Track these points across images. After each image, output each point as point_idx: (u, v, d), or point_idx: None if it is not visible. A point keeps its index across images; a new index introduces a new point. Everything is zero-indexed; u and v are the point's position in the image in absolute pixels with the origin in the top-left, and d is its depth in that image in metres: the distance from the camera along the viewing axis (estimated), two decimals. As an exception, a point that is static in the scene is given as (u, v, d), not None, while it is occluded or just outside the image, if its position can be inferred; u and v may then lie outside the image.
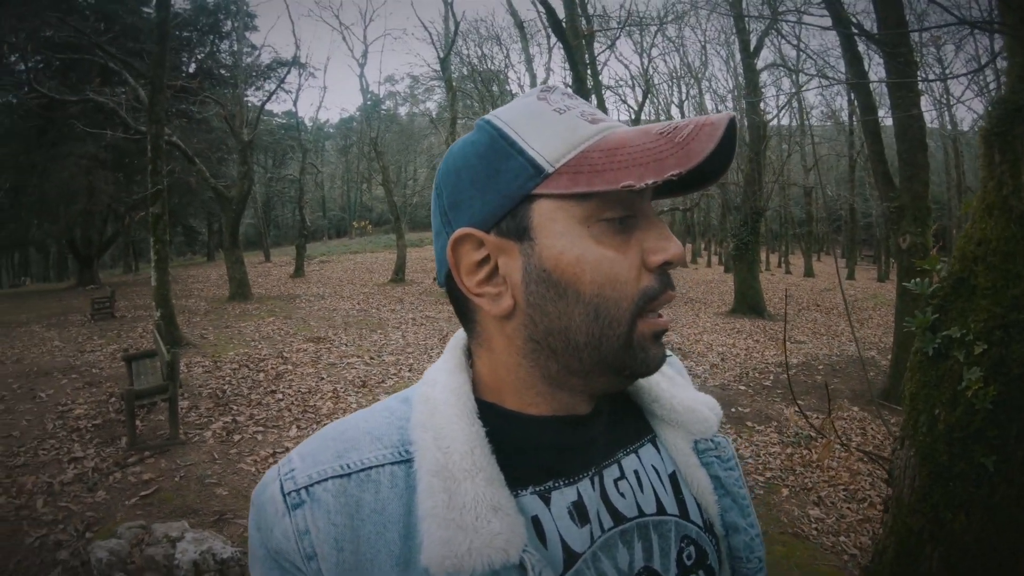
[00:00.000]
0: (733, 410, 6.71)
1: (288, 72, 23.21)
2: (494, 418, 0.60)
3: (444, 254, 0.60)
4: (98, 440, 5.37)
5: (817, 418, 6.33)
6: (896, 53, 5.92)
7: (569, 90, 0.65)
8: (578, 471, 0.61)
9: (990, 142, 1.40)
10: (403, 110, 45.08)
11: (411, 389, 0.65)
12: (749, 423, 6.29)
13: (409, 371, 8.12)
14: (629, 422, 0.70)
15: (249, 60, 23.60)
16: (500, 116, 0.61)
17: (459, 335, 0.68)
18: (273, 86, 22.78)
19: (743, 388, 7.70)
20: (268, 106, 22.77)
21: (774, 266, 30.26)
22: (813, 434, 5.41)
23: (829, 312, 15.21)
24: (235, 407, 6.38)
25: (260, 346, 9.41)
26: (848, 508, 4.47)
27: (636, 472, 0.66)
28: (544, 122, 0.58)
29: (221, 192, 14.36)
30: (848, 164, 25.33)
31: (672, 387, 0.72)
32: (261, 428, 5.81)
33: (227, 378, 7.48)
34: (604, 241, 0.56)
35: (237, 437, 5.55)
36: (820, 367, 8.96)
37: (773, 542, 3.92)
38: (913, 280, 1.56)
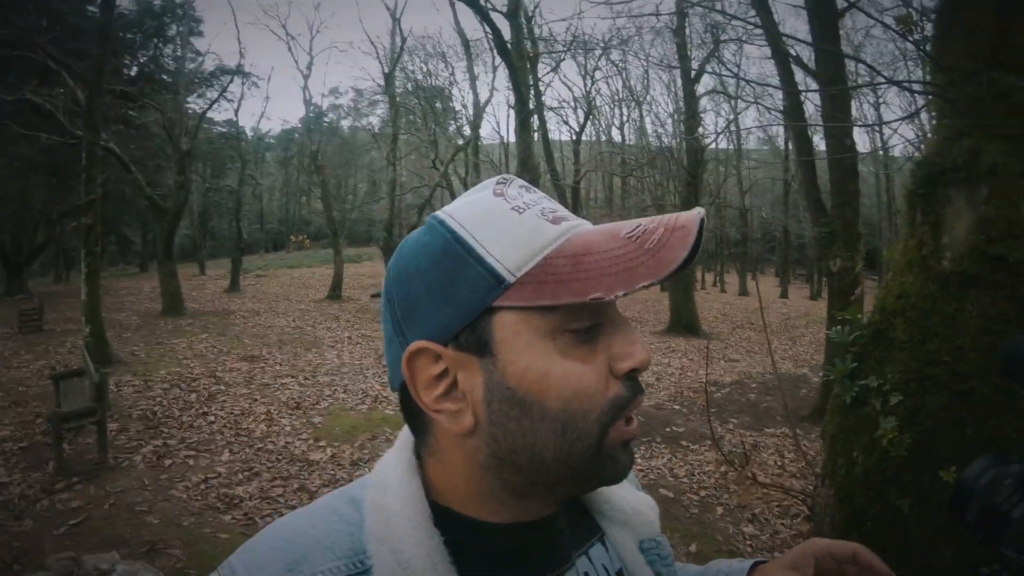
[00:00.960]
0: (668, 429, 6.86)
1: (231, 80, 22.69)
2: (452, 525, 0.56)
3: (398, 361, 0.57)
4: (24, 464, 5.17)
5: (749, 436, 6.54)
6: (831, 84, 6.22)
7: (526, 183, 0.62)
8: (541, 574, 0.60)
9: (913, 202, 1.45)
10: (346, 123, 44.60)
11: (356, 488, 0.61)
12: (684, 442, 6.45)
13: (344, 392, 8.06)
14: (581, 521, 0.68)
15: (192, 66, 23.00)
16: (455, 216, 0.57)
17: (407, 433, 0.64)
18: (215, 94, 22.23)
19: (677, 408, 7.90)
20: (209, 114, 22.11)
21: (709, 285, 30.93)
22: (748, 452, 5.57)
23: (762, 331, 15.68)
24: (166, 430, 6.22)
25: (192, 365, 9.18)
26: (781, 524, 4.64)
27: (587, 574, 0.64)
28: (504, 225, 0.55)
29: (156, 202, 13.96)
30: (783, 187, 26.31)
31: (620, 489, 0.70)
32: (193, 452, 5.68)
33: (158, 399, 7.28)
34: (570, 354, 0.53)
35: (168, 462, 5.41)
36: (753, 385, 9.26)
37: (707, 559, 4.00)
38: (834, 328, 1.64)
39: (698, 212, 0.53)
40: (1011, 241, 1.22)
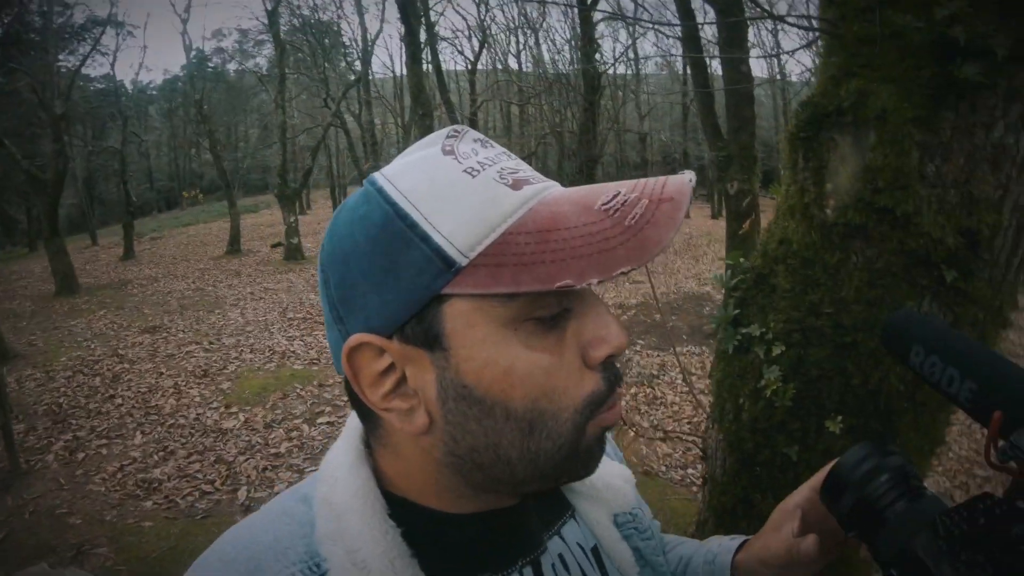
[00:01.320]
0: None
1: (103, 32, 20.79)
2: (410, 516, 0.52)
3: (340, 348, 0.50)
4: None
5: (657, 356, 6.77)
6: (727, 15, 6.23)
7: (482, 136, 0.53)
8: (509, 564, 0.56)
9: (795, 145, 1.35)
10: (232, 67, 41.78)
11: (308, 484, 0.56)
12: None
13: (250, 352, 7.87)
14: (550, 499, 0.64)
15: (61, 20, 20.81)
16: (395, 183, 0.49)
17: (356, 418, 0.58)
18: (88, 48, 20.38)
19: None
20: (84, 71, 20.26)
21: (611, 209, 31.06)
22: (655, 372, 5.75)
23: (665, 251, 16.00)
24: (74, 421, 5.92)
25: (93, 346, 8.68)
26: (694, 440, 4.85)
27: (561, 556, 0.61)
28: (454, 193, 0.47)
29: (35, 175, 12.80)
30: (682, 111, 26.61)
31: None
32: (104, 440, 5.45)
33: (62, 389, 6.88)
34: (535, 345, 0.47)
35: (81, 455, 5.17)
36: (658, 305, 9.50)
37: None
38: (716, 274, 1.59)
39: (688, 180, 0.47)
40: (899, 192, 1.17)
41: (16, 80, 14.46)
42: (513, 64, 28.16)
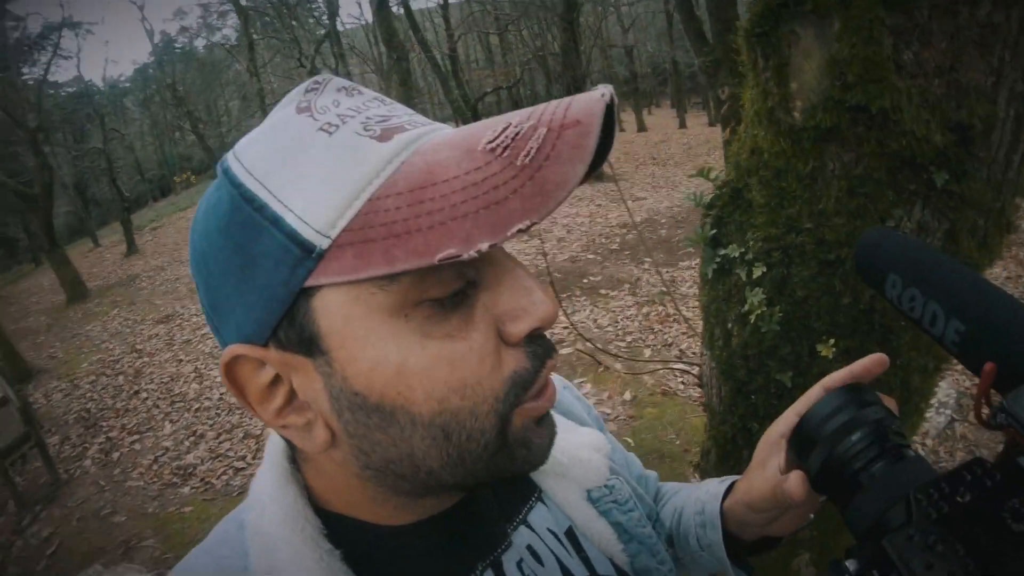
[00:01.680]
0: (585, 280, 6.94)
1: (61, 36, 20.33)
2: (349, 535, 0.47)
3: None
4: None
5: (667, 272, 6.69)
6: None
7: (350, 83, 0.44)
8: (465, 571, 0.50)
9: (751, 43, 1.20)
10: (199, 43, 40.87)
11: (244, 508, 0.51)
12: (603, 291, 6.53)
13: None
14: (512, 485, 0.58)
15: (16, 35, 20.42)
16: (241, 158, 0.40)
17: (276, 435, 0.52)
18: (49, 56, 19.98)
19: (591, 256, 7.95)
20: (52, 77, 20.00)
21: (607, 126, 30.55)
22: (665, 289, 5.68)
23: (666, 164, 15.76)
24: (104, 423, 6.04)
25: (112, 346, 8.80)
26: (689, 367, 4.80)
27: (530, 547, 0.54)
28: (307, 158, 0.38)
29: (24, 192, 12.76)
30: (666, 19, 25.66)
31: None
32: (136, 436, 5.57)
33: (88, 395, 7.00)
34: (433, 332, 0.39)
35: (116, 454, 5.30)
36: (663, 220, 9.34)
37: (644, 405, 4.19)
38: (689, 194, 1.46)
39: (600, 95, 0.36)
40: (872, 86, 1.04)
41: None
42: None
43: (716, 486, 0.70)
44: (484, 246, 0.34)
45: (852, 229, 1.13)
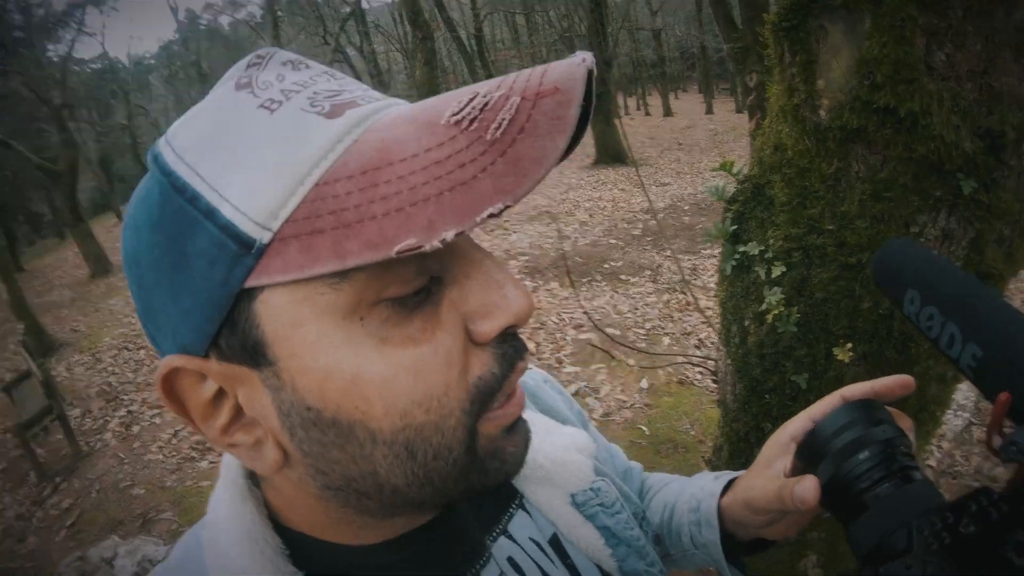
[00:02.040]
0: (607, 266, 6.89)
1: (85, 12, 20.45)
2: (311, 555, 0.44)
3: None
4: (9, 485, 5.09)
5: (688, 260, 6.61)
6: None
7: (297, 57, 0.39)
8: None
9: (778, 37, 1.17)
10: (224, 20, 40.98)
11: (201, 525, 0.48)
12: (623, 276, 6.49)
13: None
14: (489, 493, 0.50)
15: (41, 12, 20.64)
16: (173, 141, 0.36)
17: None
18: (74, 33, 20.17)
19: (613, 241, 7.89)
20: (77, 54, 20.26)
21: (633, 109, 30.28)
22: (684, 279, 5.63)
23: (691, 150, 15.60)
24: (125, 396, 6.12)
25: (134, 320, 8.87)
26: (705, 361, 4.74)
27: (511, 559, 0.51)
28: (245, 139, 0.33)
29: (49, 168, 12.95)
30: (695, 2, 25.29)
31: (534, 436, 0.52)
32: (156, 410, 5.63)
33: (110, 368, 7.09)
34: (393, 336, 0.35)
35: (136, 428, 5.37)
36: (686, 207, 9.24)
37: (660, 394, 4.16)
38: (708, 186, 1.44)
39: (580, 61, 0.32)
40: (902, 88, 1.00)
41: (10, 81, 14.45)
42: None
43: (711, 483, 0.67)
44: (449, 234, 0.29)
45: (875, 233, 1.10)
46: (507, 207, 0.29)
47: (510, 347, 0.39)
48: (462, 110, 0.31)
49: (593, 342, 4.86)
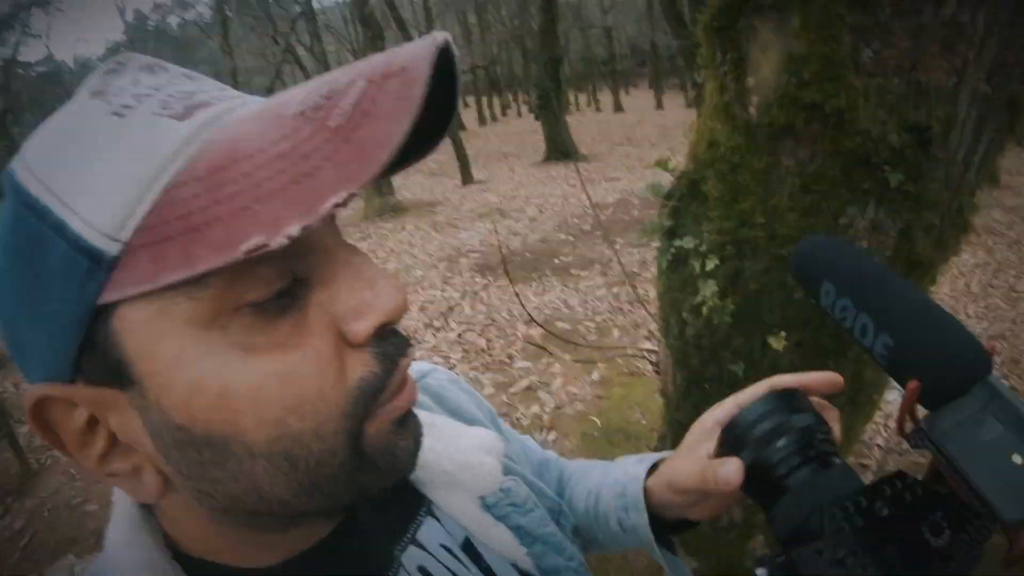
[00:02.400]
0: (556, 260, 6.88)
1: (30, 13, 19.71)
2: None
3: None
4: None
5: (638, 254, 6.61)
6: None
7: (158, 62, 0.38)
8: None
9: (710, 37, 1.19)
10: (173, 20, 39.97)
11: (100, 559, 0.45)
12: (573, 271, 6.49)
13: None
14: (396, 498, 0.53)
15: None
16: (25, 158, 0.34)
17: None
18: (17, 36, 19.45)
19: (563, 237, 7.90)
20: (20, 57, 19.48)
21: (584, 106, 30.46)
22: (635, 271, 5.63)
23: (641, 144, 15.68)
24: (75, 409, 5.95)
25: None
26: (647, 353, 4.63)
27: (423, 568, 0.50)
28: (94, 148, 0.32)
29: (-8, 181, 12.50)
30: (646, 1, 25.53)
31: (437, 442, 0.54)
32: (106, 424, 5.49)
33: (58, 380, 6.88)
34: (258, 344, 0.33)
35: (85, 441, 5.23)
36: (636, 202, 9.25)
37: (612, 384, 4.16)
38: (648, 184, 1.48)
39: (432, 41, 0.30)
40: (828, 84, 1.02)
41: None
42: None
43: (635, 466, 0.67)
44: (294, 230, 0.28)
45: (805, 225, 1.14)
46: (352, 195, 0.28)
47: (391, 344, 0.37)
48: (309, 99, 0.31)
49: (532, 339, 4.86)
